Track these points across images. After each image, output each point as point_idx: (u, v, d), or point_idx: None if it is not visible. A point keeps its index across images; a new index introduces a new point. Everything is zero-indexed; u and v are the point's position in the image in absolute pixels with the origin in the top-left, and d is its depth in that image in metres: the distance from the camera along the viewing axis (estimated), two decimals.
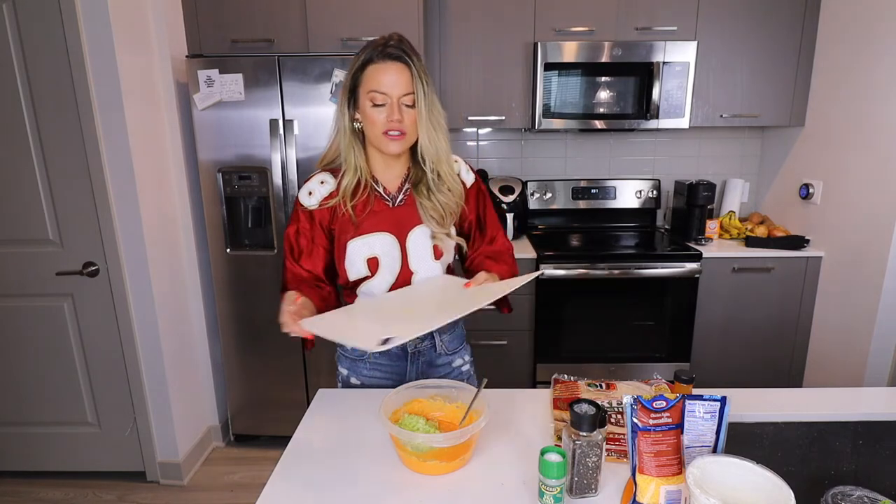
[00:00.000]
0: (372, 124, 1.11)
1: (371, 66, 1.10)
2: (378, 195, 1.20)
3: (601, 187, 2.80)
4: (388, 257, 1.19)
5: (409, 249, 1.20)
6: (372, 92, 1.09)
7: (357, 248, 1.19)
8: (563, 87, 2.41)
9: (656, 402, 0.78)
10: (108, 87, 1.84)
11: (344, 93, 1.15)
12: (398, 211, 1.20)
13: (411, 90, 1.10)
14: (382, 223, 1.19)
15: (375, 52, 1.10)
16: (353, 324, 1.10)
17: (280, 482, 0.92)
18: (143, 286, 2.03)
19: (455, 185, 1.21)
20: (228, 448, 2.48)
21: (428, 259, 1.22)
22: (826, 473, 1.06)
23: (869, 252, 2.14)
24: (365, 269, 1.20)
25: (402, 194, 1.21)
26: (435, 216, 1.19)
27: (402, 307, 1.14)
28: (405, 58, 1.09)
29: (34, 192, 1.92)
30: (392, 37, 1.12)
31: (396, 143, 1.13)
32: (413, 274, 1.22)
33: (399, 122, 1.10)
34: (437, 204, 1.19)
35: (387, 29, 2.15)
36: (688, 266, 2.34)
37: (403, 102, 1.10)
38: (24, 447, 2.22)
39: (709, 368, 2.47)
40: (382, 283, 1.21)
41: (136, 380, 2.12)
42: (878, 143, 2.09)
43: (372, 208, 1.19)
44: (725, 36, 2.40)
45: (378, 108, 1.10)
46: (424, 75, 1.10)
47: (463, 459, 0.95)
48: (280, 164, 2.14)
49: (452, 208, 1.21)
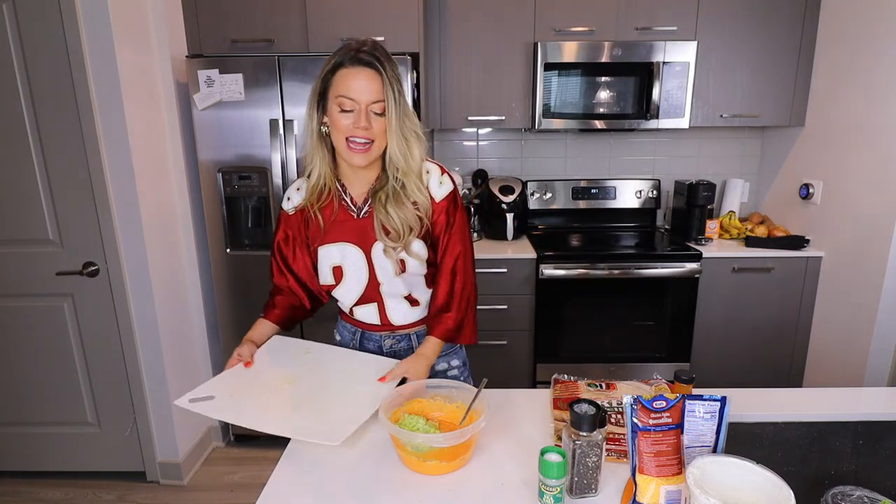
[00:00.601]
0: (337, 130, 1.09)
1: (341, 71, 1.07)
2: (345, 205, 1.19)
3: (601, 187, 2.80)
4: (353, 268, 1.20)
5: (374, 261, 1.19)
6: (340, 97, 1.06)
7: (324, 256, 1.20)
8: (563, 87, 2.41)
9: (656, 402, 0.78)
10: (108, 87, 1.84)
11: (313, 96, 1.12)
12: (363, 222, 1.18)
13: (381, 97, 1.07)
14: (347, 233, 1.18)
15: (347, 56, 1.07)
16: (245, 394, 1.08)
17: (280, 482, 0.92)
18: (143, 286, 2.03)
19: (422, 198, 1.15)
20: (228, 448, 2.48)
21: (391, 274, 1.18)
22: (826, 473, 1.06)
23: (869, 252, 2.14)
24: (331, 277, 1.21)
25: (367, 205, 1.18)
26: (389, 229, 1.15)
27: (303, 387, 1.10)
28: (376, 64, 1.06)
29: (34, 192, 1.92)
30: (366, 42, 1.09)
31: (360, 155, 1.09)
32: (381, 285, 1.21)
33: (366, 128, 1.07)
34: (394, 217, 1.13)
35: (387, 29, 2.17)
36: (688, 266, 2.34)
37: (373, 110, 1.07)
38: (24, 447, 2.22)
39: (709, 368, 2.47)
40: (350, 292, 1.22)
41: (136, 380, 2.12)
42: (878, 143, 2.09)
43: (337, 217, 1.18)
44: (725, 36, 2.40)
45: (345, 114, 1.07)
46: (396, 83, 1.07)
47: (463, 459, 0.95)
48: (280, 164, 2.14)
49: (412, 223, 1.15)
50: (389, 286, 1.21)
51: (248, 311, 2.30)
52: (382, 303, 1.24)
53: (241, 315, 2.31)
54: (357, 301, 1.24)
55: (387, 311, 1.25)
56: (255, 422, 0.97)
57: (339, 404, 1.05)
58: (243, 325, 2.30)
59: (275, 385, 1.11)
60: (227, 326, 2.32)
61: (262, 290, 2.30)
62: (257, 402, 1.05)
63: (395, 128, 1.09)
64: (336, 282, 1.22)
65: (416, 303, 1.25)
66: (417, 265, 1.19)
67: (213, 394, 1.05)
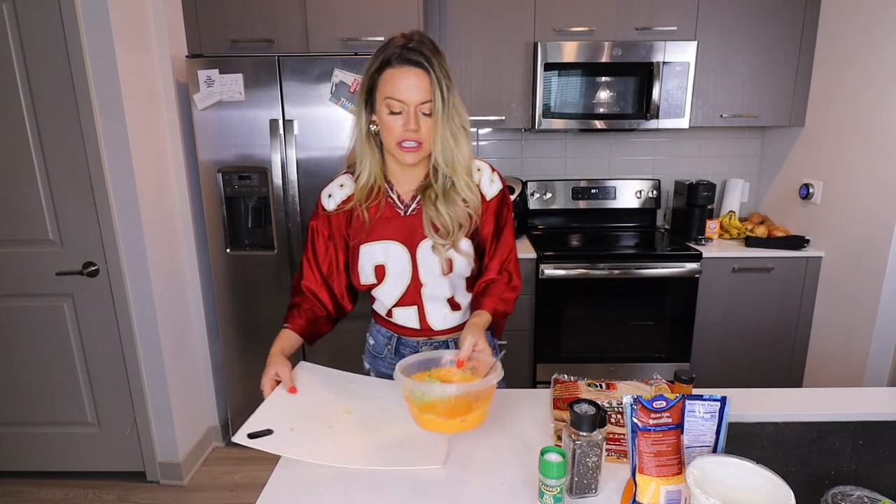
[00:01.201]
0: (388, 132, 1.06)
1: (388, 71, 1.03)
2: (391, 202, 1.17)
3: (601, 187, 2.80)
4: (396, 267, 1.16)
5: (419, 261, 1.16)
6: (388, 99, 1.03)
7: (366, 254, 1.16)
8: (563, 87, 2.41)
9: (656, 402, 0.78)
10: (108, 88, 1.84)
11: (361, 94, 1.09)
12: (409, 220, 1.16)
13: (430, 98, 1.03)
14: (392, 231, 1.15)
15: (394, 54, 1.03)
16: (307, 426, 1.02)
17: (280, 482, 0.92)
18: (143, 286, 2.03)
19: (472, 196, 1.14)
20: (228, 448, 2.48)
21: (437, 273, 1.16)
22: (826, 473, 1.06)
23: (869, 252, 2.14)
24: (372, 276, 1.18)
25: (415, 203, 1.16)
26: (439, 227, 1.13)
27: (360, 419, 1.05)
28: (424, 63, 1.02)
29: (34, 192, 1.92)
30: (413, 36, 1.05)
31: (412, 154, 1.07)
32: (423, 286, 1.18)
33: (415, 131, 1.04)
34: (444, 215, 1.12)
35: (387, 29, 2.17)
36: (688, 266, 2.34)
37: (421, 110, 1.04)
38: (24, 447, 2.22)
39: (709, 368, 2.47)
40: (391, 291, 1.19)
41: (136, 380, 2.12)
42: (878, 143, 2.09)
43: (383, 215, 1.15)
44: (725, 36, 2.40)
45: (394, 116, 1.04)
46: (445, 80, 1.04)
47: (476, 418, 0.99)
48: (280, 165, 2.14)
49: (462, 220, 1.13)
50: (433, 287, 1.18)
51: (248, 311, 2.30)
52: (423, 305, 1.21)
53: (241, 315, 2.31)
54: (397, 302, 1.20)
55: (426, 314, 1.21)
56: (336, 458, 0.93)
57: (409, 425, 1.02)
58: (243, 325, 2.32)
59: (334, 415, 1.05)
60: (227, 326, 2.32)
61: (262, 290, 2.32)
62: (325, 434, 0.99)
63: (441, 127, 1.05)
64: (378, 281, 1.18)
65: (457, 307, 1.23)
66: (465, 264, 1.17)
67: (269, 427, 0.99)
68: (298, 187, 2.15)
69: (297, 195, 2.16)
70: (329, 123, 2.11)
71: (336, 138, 2.12)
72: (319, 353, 2.33)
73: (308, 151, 2.13)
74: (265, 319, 2.30)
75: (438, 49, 1.06)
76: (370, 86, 1.07)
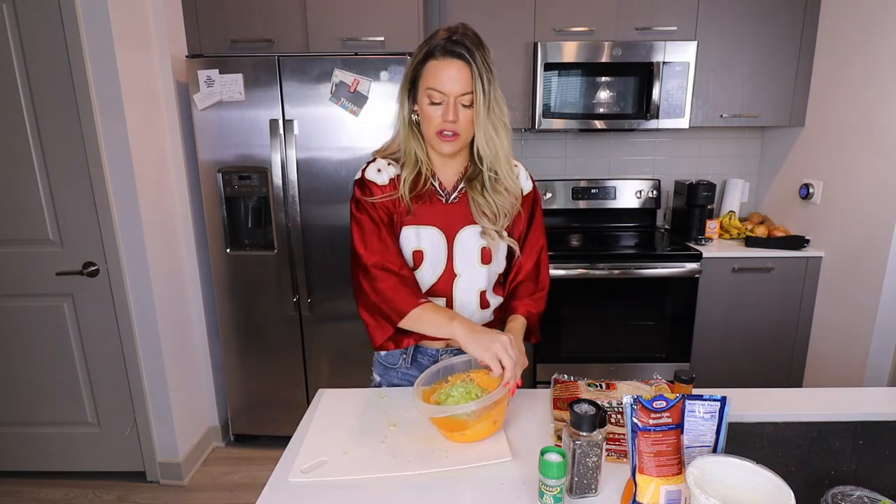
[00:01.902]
0: (428, 122, 1.09)
1: (431, 62, 1.06)
2: (434, 189, 1.18)
3: (601, 187, 2.80)
4: (434, 253, 1.16)
5: (455, 249, 1.17)
6: (430, 89, 1.06)
7: (407, 237, 1.16)
8: (563, 87, 2.41)
9: (656, 402, 0.78)
10: (108, 88, 1.84)
11: (405, 85, 1.12)
12: (450, 207, 1.17)
13: (470, 90, 1.06)
14: (432, 217, 1.16)
15: (437, 46, 1.05)
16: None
17: (280, 482, 0.92)
18: (143, 286, 2.03)
19: (513, 185, 1.18)
20: (228, 448, 2.48)
21: (474, 262, 1.17)
22: (826, 473, 1.06)
23: (869, 252, 2.14)
24: (410, 261, 1.17)
25: (457, 192, 1.18)
26: (487, 214, 1.16)
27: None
28: (466, 56, 1.04)
29: (34, 192, 1.92)
30: (456, 29, 1.07)
31: (449, 144, 1.10)
32: (456, 276, 1.18)
33: (454, 122, 1.07)
34: (492, 202, 1.15)
35: (387, 29, 2.17)
36: (688, 266, 2.34)
37: (461, 102, 1.06)
38: (24, 447, 2.22)
39: (709, 368, 2.47)
40: (422, 279, 1.18)
41: (136, 380, 2.12)
42: (878, 143, 2.09)
43: (426, 201, 1.17)
44: (725, 36, 2.40)
45: (435, 107, 1.07)
46: (487, 73, 1.05)
47: (494, 424, 1.00)
48: (280, 165, 2.14)
49: (507, 209, 1.17)
50: (468, 278, 1.18)
51: (248, 311, 2.30)
52: (452, 297, 1.19)
53: (241, 315, 2.31)
54: (427, 291, 1.18)
55: (455, 308, 1.20)
56: (406, 468, 0.93)
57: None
58: (243, 325, 2.32)
59: (381, 431, 1.05)
60: (227, 326, 2.32)
61: (262, 290, 2.32)
62: (381, 450, 0.99)
63: (482, 119, 1.08)
64: (416, 265, 1.18)
65: (486, 304, 1.22)
66: (502, 258, 1.21)
67: (321, 458, 0.97)
68: (298, 187, 2.15)
69: (297, 195, 2.16)
70: (329, 123, 2.11)
71: (336, 138, 2.12)
72: (320, 352, 2.34)
73: (308, 151, 2.13)
74: (265, 319, 2.30)
75: (482, 42, 1.08)
76: (413, 76, 1.10)
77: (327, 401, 1.19)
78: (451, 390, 1.01)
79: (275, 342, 2.32)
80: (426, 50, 1.07)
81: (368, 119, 2.10)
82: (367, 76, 2.06)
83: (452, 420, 0.97)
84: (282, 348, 2.32)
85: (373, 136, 2.11)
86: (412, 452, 0.98)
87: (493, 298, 1.24)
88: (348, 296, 2.26)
